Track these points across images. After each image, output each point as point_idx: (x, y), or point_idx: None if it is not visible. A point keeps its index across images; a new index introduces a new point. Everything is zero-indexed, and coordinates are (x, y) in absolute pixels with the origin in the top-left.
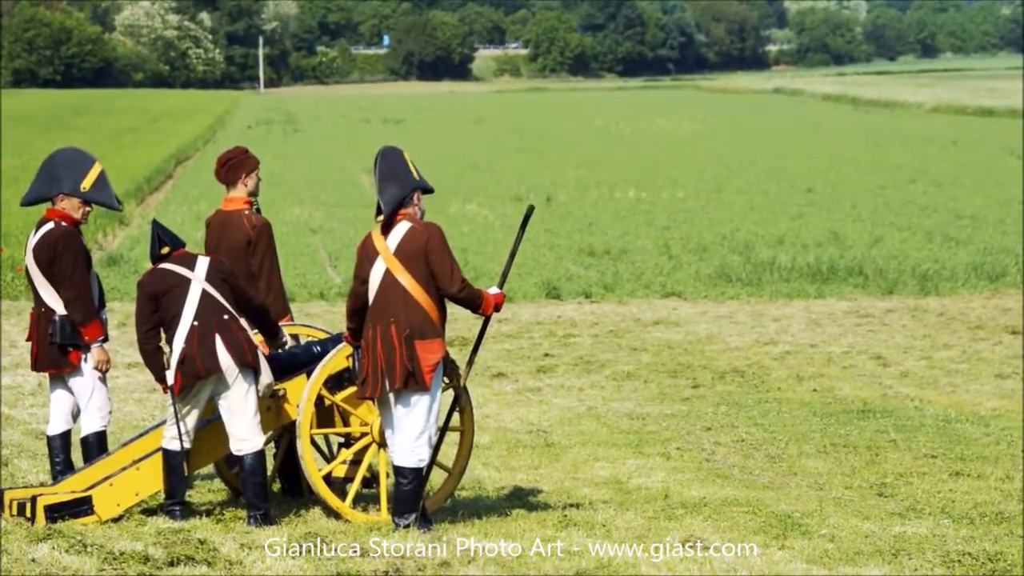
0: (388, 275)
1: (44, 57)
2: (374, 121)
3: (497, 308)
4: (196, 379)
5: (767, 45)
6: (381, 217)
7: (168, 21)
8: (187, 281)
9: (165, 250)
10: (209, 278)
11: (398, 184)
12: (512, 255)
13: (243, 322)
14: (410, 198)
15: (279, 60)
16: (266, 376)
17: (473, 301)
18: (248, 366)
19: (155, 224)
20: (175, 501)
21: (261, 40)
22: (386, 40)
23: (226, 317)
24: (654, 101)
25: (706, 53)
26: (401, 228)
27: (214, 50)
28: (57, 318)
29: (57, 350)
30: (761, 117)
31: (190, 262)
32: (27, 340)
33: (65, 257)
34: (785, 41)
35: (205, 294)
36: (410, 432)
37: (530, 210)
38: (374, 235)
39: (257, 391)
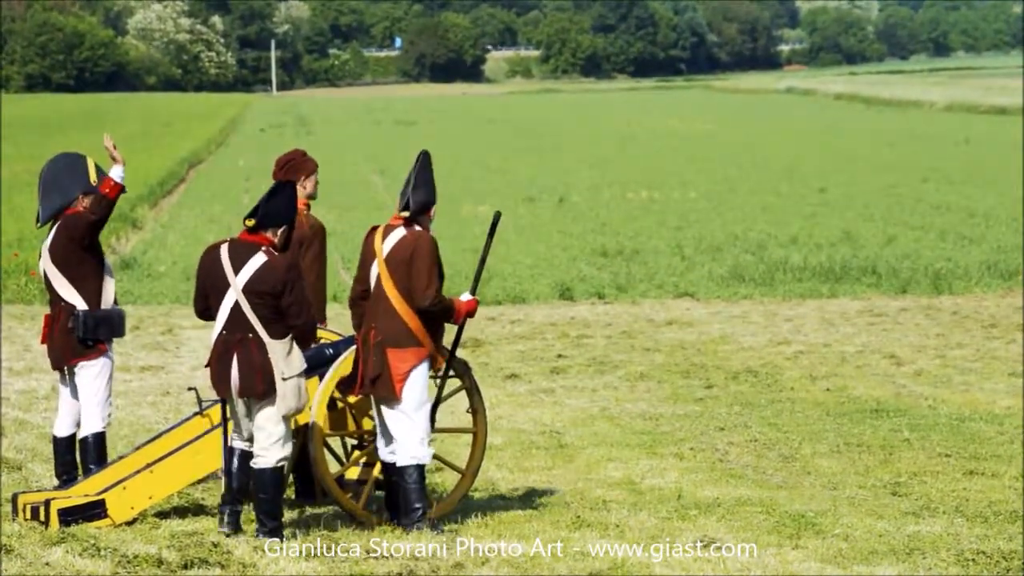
0: (378, 280)
1: (57, 61)
2: (386, 123)
3: (470, 314)
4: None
5: (779, 45)
6: (406, 213)
7: (180, 25)
8: (226, 286)
9: (251, 222)
10: (248, 288)
11: (428, 190)
12: (482, 261)
13: (268, 342)
14: (430, 209)
15: (291, 63)
16: (290, 400)
17: (445, 314)
18: (256, 396)
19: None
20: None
21: (273, 43)
22: (398, 42)
23: (250, 336)
24: (666, 101)
25: (718, 53)
26: (396, 234)
27: (226, 53)
28: (79, 312)
29: (76, 343)
30: (773, 117)
31: (244, 257)
32: (42, 343)
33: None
34: (797, 41)
35: (236, 306)
36: (397, 433)
37: (497, 216)
38: (377, 236)
39: (277, 407)
